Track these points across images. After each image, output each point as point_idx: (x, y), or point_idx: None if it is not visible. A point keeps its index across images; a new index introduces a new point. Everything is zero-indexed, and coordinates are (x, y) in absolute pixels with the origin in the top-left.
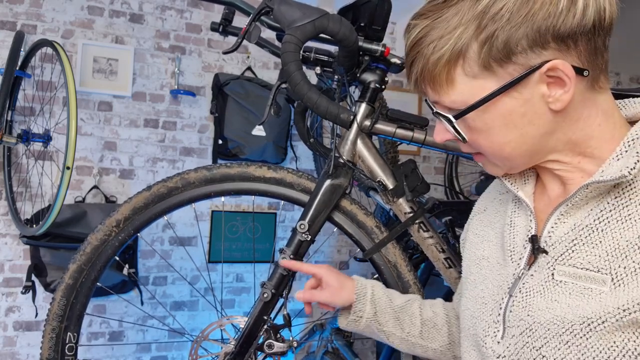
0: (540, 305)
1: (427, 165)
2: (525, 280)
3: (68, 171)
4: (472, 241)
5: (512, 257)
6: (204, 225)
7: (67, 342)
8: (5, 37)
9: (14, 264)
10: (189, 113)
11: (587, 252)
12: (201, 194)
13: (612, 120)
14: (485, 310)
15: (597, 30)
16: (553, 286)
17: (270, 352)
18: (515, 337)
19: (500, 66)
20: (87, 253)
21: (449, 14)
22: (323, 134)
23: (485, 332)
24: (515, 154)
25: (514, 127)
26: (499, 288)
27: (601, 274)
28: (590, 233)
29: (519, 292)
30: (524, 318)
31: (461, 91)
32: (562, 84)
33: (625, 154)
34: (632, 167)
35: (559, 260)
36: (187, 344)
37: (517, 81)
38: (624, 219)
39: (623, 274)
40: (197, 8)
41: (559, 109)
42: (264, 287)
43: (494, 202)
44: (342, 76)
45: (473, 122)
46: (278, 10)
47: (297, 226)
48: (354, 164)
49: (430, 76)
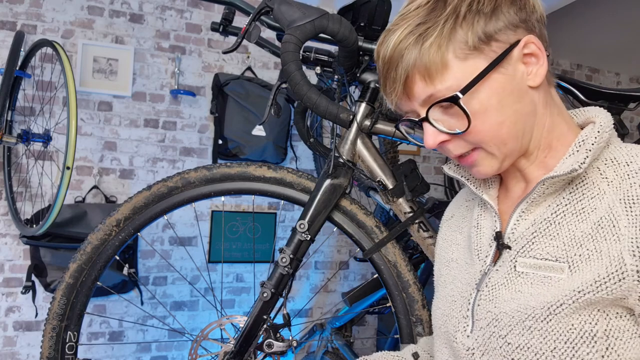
0: (505, 296)
1: (427, 165)
2: (491, 275)
3: (68, 171)
4: (441, 246)
5: (479, 256)
6: (204, 225)
7: (68, 341)
8: (5, 37)
9: (14, 264)
10: (189, 113)
11: (546, 243)
12: (201, 194)
13: (564, 113)
14: (455, 307)
15: (543, 19)
16: (515, 277)
17: (270, 352)
18: (482, 329)
19: (486, 44)
20: (87, 252)
21: (427, 9)
22: (323, 134)
23: (456, 328)
24: (511, 134)
25: (506, 105)
26: (467, 285)
27: (559, 263)
28: (549, 226)
29: (485, 287)
30: (491, 310)
31: (455, 74)
32: (536, 58)
33: (577, 153)
34: (581, 161)
35: (520, 253)
36: (187, 343)
37: (503, 56)
38: (578, 212)
39: (578, 260)
40: (197, 8)
41: (537, 83)
42: (264, 286)
43: (461, 209)
44: (342, 76)
45: (470, 106)
46: (278, 10)
47: (297, 226)
48: (354, 164)
49: (424, 66)
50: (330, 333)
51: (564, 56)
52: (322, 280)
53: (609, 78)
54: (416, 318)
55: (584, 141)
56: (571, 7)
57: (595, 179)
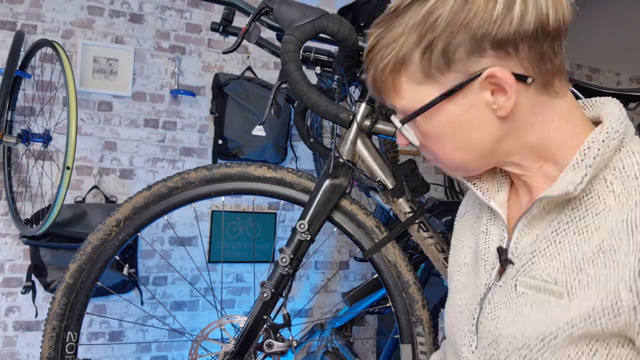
0: (507, 317)
1: (427, 165)
2: (495, 292)
3: (68, 171)
4: (454, 247)
5: (485, 267)
6: (204, 225)
7: (68, 342)
8: (5, 37)
9: (14, 264)
10: (189, 113)
11: (546, 264)
12: (201, 194)
13: (572, 124)
14: (462, 320)
15: (539, 35)
16: (516, 297)
17: (270, 352)
18: (484, 347)
19: (441, 73)
20: (87, 252)
21: (396, 23)
22: (323, 134)
23: (462, 342)
24: (466, 159)
25: (461, 133)
26: (472, 298)
27: (558, 287)
28: (549, 245)
29: (488, 304)
30: (492, 330)
31: (408, 97)
32: (504, 91)
33: (581, 163)
34: (578, 182)
35: (521, 272)
36: (187, 343)
37: (458, 89)
38: (581, 230)
39: (577, 287)
40: (197, 8)
41: (504, 115)
42: (264, 286)
43: (474, 205)
44: (342, 76)
45: (424, 128)
46: (278, 10)
47: (297, 226)
48: (354, 164)
49: (380, 83)
50: (330, 333)
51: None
52: (322, 280)
53: (609, 78)
54: (416, 318)
55: (589, 148)
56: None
57: (602, 191)
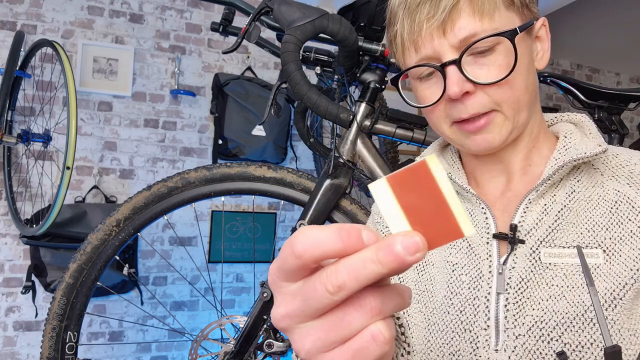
0: (541, 294)
1: None
2: (510, 275)
3: (68, 171)
4: None
5: (479, 256)
6: (204, 225)
7: (68, 341)
8: (5, 37)
9: (14, 264)
10: (189, 113)
11: (569, 230)
12: (201, 194)
13: (544, 120)
14: (464, 320)
15: None
16: (543, 270)
17: (270, 352)
18: (523, 336)
19: (522, 5)
20: (87, 252)
21: None
22: (323, 134)
23: (473, 345)
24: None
25: (530, 70)
26: (474, 290)
27: (589, 249)
28: (567, 213)
29: (509, 288)
30: (529, 313)
31: (501, 18)
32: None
33: (589, 135)
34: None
35: (544, 243)
36: (187, 343)
37: (529, 25)
38: (587, 199)
39: (610, 243)
40: (197, 8)
41: (542, 66)
42: (264, 286)
43: None
44: (342, 76)
45: (506, 57)
46: (278, 10)
47: (297, 226)
48: (354, 164)
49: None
50: None
51: (564, 56)
52: None
53: (609, 78)
54: None
55: (565, 149)
56: (571, 7)
57: (588, 170)
